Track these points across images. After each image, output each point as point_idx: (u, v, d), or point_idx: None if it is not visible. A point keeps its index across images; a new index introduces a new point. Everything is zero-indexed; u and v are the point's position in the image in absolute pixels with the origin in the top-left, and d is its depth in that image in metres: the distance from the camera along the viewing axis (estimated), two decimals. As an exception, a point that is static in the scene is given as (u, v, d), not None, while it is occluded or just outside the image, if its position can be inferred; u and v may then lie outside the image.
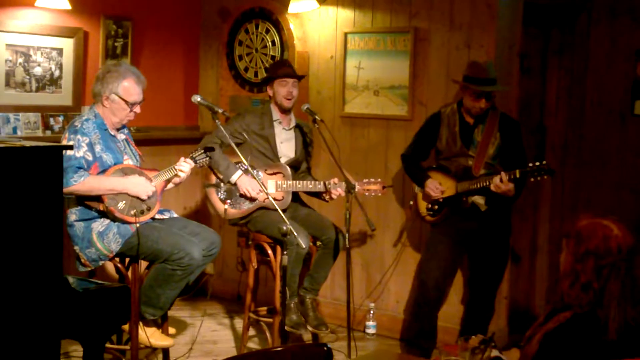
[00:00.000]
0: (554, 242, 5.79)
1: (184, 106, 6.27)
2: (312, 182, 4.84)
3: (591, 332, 2.50)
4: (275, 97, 4.86)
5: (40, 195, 3.16)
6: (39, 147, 3.21)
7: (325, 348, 2.77)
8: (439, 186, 4.75)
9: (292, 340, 4.97)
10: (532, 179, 4.52)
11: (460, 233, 4.81)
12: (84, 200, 4.18)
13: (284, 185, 4.79)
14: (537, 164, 4.48)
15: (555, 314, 2.66)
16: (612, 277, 2.54)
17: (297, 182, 4.81)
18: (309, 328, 4.80)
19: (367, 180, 4.81)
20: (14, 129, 5.09)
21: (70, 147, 3.92)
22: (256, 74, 5.96)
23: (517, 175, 4.49)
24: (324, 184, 4.80)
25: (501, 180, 4.49)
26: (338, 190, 4.74)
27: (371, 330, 5.57)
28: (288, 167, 4.85)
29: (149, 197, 4.26)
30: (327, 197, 4.85)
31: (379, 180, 4.83)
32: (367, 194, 4.81)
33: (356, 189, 4.65)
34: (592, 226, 2.63)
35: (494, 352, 2.73)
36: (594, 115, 5.57)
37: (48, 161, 3.17)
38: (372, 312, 5.56)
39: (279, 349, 2.76)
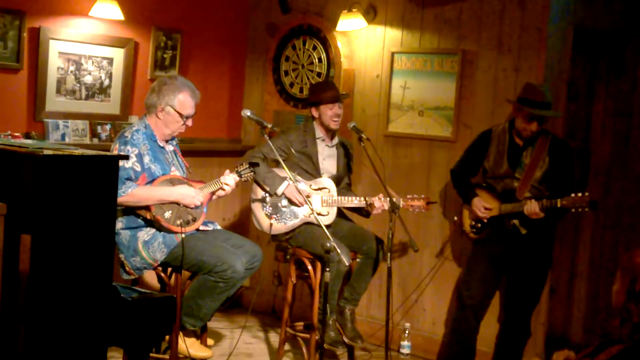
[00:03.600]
0: (594, 268, 5.75)
1: (227, 119, 6.33)
2: (357, 197, 4.85)
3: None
4: (322, 119, 4.90)
5: (96, 203, 3.21)
6: (98, 156, 3.27)
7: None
8: (486, 206, 4.74)
9: (327, 357, 4.97)
10: (573, 210, 4.50)
11: (500, 253, 4.79)
12: (131, 209, 4.23)
13: (330, 201, 4.81)
14: (580, 195, 4.46)
15: (605, 346, 2.63)
16: None
17: (342, 197, 4.83)
18: (345, 339, 4.80)
19: (410, 196, 4.82)
20: (63, 136, 5.17)
21: (127, 158, 3.98)
22: (301, 90, 6.00)
23: (559, 205, 4.47)
24: (366, 200, 4.81)
25: (542, 208, 4.49)
26: (381, 202, 4.74)
27: (406, 350, 5.54)
28: (333, 183, 4.87)
29: (196, 207, 4.30)
30: (370, 210, 4.84)
31: (423, 196, 4.83)
32: (410, 209, 4.81)
33: (400, 205, 4.66)
34: None
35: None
36: (639, 141, 5.53)
37: (105, 170, 3.22)
38: (407, 332, 5.54)
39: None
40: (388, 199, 4.64)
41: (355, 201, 4.84)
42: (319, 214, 4.56)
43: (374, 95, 5.72)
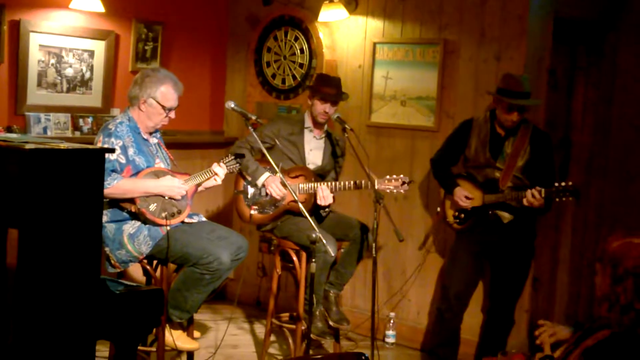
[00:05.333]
0: (575, 256, 5.81)
1: (209, 111, 6.32)
2: (331, 182, 4.82)
3: (632, 351, 2.52)
4: (312, 109, 4.90)
5: (83, 196, 3.20)
6: (84, 149, 3.25)
7: (363, 357, 2.81)
8: (468, 195, 4.76)
9: (313, 347, 4.98)
10: (557, 199, 4.53)
11: (483, 243, 4.83)
12: (116, 201, 4.22)
13: (305, 188, 4.81)
14: (563, 184, 4.49)
15: (592, 331, 2.67)
16: None
17: (318, 183, 4.80)
18: (330, 323, 4.81)
19: (388, 177, 4.80)
20: (44, 129, 5.14)
21: (112, 151, 3.96)
22: (284, 81, 6.00)
23: (542, 195, 4.50)
24: (324, 185, 4.77)
25: (533, 196, 4.50)
26: (323, 194, 4.73)
27: (391, 340, 5.58)
28: (309, 167, 4.87)
29: (182, 198, 4.30)
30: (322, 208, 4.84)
31: (401, 176, 4.81)
32: (388, 190, 4.79)
33: (376, 186, 4.64)
34: (626, 246, 2.64)
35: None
36: (619, 130, 5.59)
37: (91, 163, 3.21)
38: (392, 321, 5.58)
39: (319, 356, 2.79)
40: (369, 187, 4.65)
41: (323, 186, 4.79)
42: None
43: (356, 86, 5.73)
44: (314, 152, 4.99)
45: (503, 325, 4.91)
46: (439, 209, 5.05)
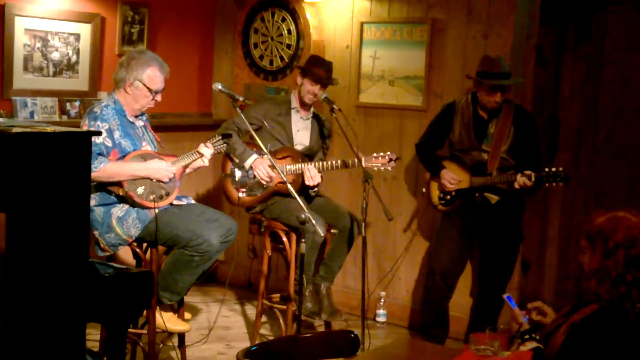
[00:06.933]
0: (564, 234, 5.82)
1: (197, 93, 6.30)
2: (319, 162, 4.83)
3: (619, 324, 2.54)
4: (300, 89, 4.89)
5: (70, 180, 3.20)
6: (70, 132, 3.25)
7: (352, 335, 2.83)
8: (455, 177, 4.77)
9: (304, 327, 5.01)
10: (547, 184, 4.54)
11: (470, 223, 4.84)
12: (103, 185, 4.21)
13: (293, 168, 4.81)
14: (554, 169, 4.49)
15: (580, 306, 2.69)
16: None
17: (305, 164, 4.80)
18: (324, 316, 4.85)
19: (375, 155, 4.80)
20: (31, 114, 5.11)
21: (99, 134, 3.95)
22: (271, 62, 5.99)
23: (532, 179, 4.51)
24: (311, 165, 4.78)
25: (524, 182, 4.51)
26: (311, 174, 4.74)
27: (381, 319, 5.61)
28: (296, 148, 4.87)
29: (170, 180, 4.29)
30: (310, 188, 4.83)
31: (388, 153, 4.81)
32: (375, 168, 4.79)
33: (364, 164, 4.65)
34: (612, 220, 2.66)
35: (534, 344, 2.76)
36: (608, 108, 5.60)
37: (78, 147, 3.20)
38: (382, 300, 5.61)
39: (308, 335, 2.81)
40: (357, 165, 4.64)
41: (310, 166, 4.80)
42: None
43: (344, 66, 5.71)
44: (302, 132, 4.99)
45: (493, 306, 4.93)
46: (424, 190, 5.05)
